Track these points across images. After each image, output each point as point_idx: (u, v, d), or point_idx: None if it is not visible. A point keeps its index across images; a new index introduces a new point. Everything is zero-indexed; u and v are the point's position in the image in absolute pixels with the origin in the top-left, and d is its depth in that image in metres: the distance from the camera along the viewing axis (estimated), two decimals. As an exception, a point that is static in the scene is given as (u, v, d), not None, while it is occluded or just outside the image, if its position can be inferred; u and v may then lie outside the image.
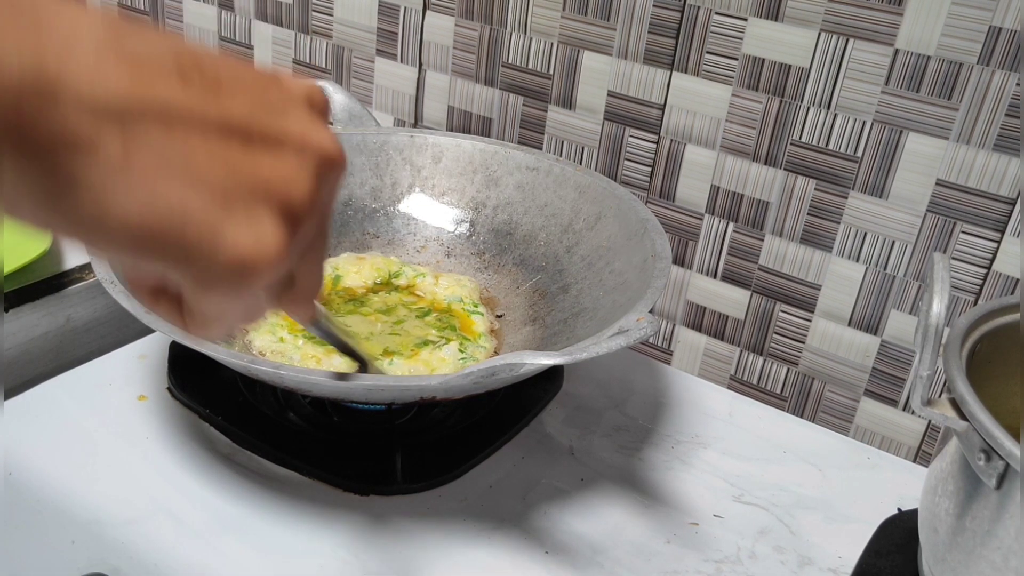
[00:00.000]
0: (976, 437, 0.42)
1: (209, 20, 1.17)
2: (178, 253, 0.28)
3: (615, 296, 0.65)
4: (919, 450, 0.79)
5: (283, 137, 0.29)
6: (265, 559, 0.53)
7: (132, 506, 0.55)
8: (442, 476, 0.60)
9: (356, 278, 0.72)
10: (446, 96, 0.96)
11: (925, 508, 0.49)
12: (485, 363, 0.50)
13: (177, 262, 0.28)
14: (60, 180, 0.25)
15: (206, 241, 0.28)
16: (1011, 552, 0.41)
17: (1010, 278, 0.70)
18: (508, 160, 0.77)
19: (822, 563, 0.56)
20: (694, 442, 0.66)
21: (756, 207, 0.80)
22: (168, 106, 0.26)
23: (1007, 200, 0.69)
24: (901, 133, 0.72)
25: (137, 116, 0.26)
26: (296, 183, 0.30)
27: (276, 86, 0.30)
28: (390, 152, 0.79)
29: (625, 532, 0.57)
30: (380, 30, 0.99)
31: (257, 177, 0.28)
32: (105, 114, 0.25)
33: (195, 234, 0.27)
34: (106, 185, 0.26)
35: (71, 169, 0.25)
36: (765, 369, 0.84)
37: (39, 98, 0.24)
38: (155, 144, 0.26)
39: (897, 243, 0.74)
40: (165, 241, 0.27)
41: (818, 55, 0.73)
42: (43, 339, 0.71)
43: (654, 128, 0.83)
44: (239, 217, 0.28)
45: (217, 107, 0.28)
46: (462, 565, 0.53)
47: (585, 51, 0.85)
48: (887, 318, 0.77)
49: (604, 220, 0.71)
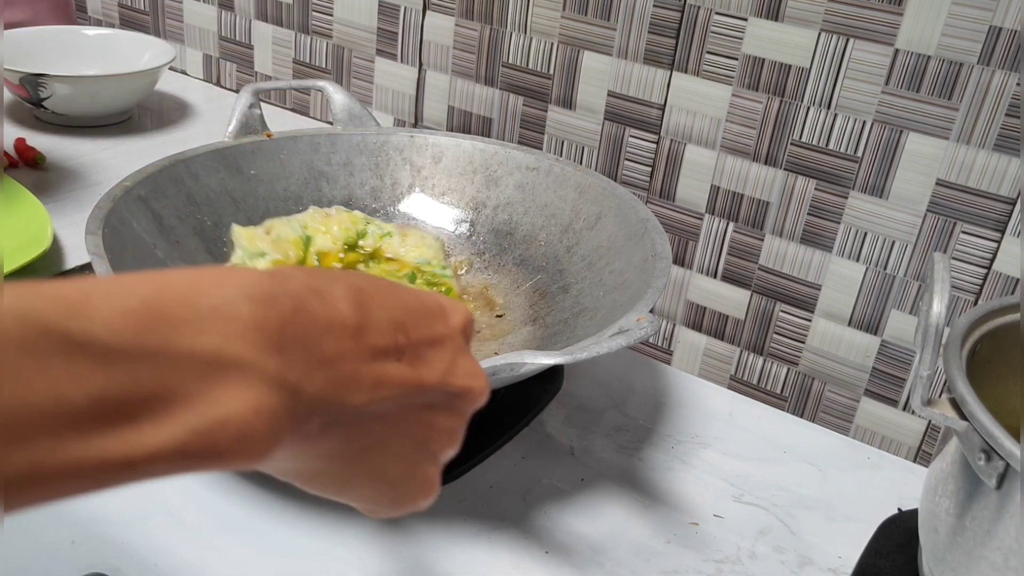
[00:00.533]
0: (976, 437, 0.42)
1: (209, 20, 1.17)
2: (371, 502, 0.34)
3: (615, 296, 0.64)
4: (919, 450, 0.79)
5: (455, 394, 0.34)
6: (265, 559, 0.53)
7: (132, 506, 0.55)
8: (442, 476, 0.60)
9: (327, 239, 0.71)
10: (446, 96, 0.96)
11: (925, 508, 0.49)
12: (485, 363, 0.49)
13: (368, 505, 0.34)
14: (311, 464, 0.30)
15: (399, 498, 0.34)
16: (1011, 552, 0.41)
17: (1010, 278, 0.70)
18: (508, 160, 0.77)
19: (822, 563, 0.56)
20: (694, 442, 0.66)
21: (756, 207, 0.80)
22: (396, 395, 0.30)
23: (1007, 200, 0.69)
24: (901, 133, 0.72)
25: (375, 414, 0.30)
26: (455, 435, 0.35)
27: (445, 325, 0.34)
28: (390, 152, 0.79)
29: (625, 532, 0.57)
30: (380, 30, 0.99)
31: (434, 440, 0.34)
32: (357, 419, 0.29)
33: (392, 493, 0.34)
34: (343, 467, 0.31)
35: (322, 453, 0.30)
36: (765, 369, 0.84)
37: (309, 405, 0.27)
38: (383, 431, 0.31)
39: (897, 243, 0.74)
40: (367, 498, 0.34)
41: (818, 55, 0.73)
42: (43, 339, 0.71)
43: (654, 128, 0.83)
44: (419, 476, 0.34)
45: (419, 380, 0.31)
46: (462, 565, 0.53)
47: (585, 51, 0.85)
48: (887, 318, 0.77)
49: (604, 220, 0.71)
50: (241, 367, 0.24)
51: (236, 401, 0.24)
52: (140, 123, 1.06)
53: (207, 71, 1.21)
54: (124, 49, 1.08)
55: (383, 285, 0.32)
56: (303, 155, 0.76)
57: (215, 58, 1.18)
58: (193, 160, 0.70)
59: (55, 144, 0.97)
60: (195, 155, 0.70)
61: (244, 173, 0.73)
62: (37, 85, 0.95)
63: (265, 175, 0.74)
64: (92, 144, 0.99)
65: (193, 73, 1.22)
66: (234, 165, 0.72)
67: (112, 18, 1.28)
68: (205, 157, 0.71)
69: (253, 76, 1.15)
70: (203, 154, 0.71)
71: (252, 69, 1.15)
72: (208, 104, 1.14)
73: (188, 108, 1.12)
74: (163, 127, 1.06)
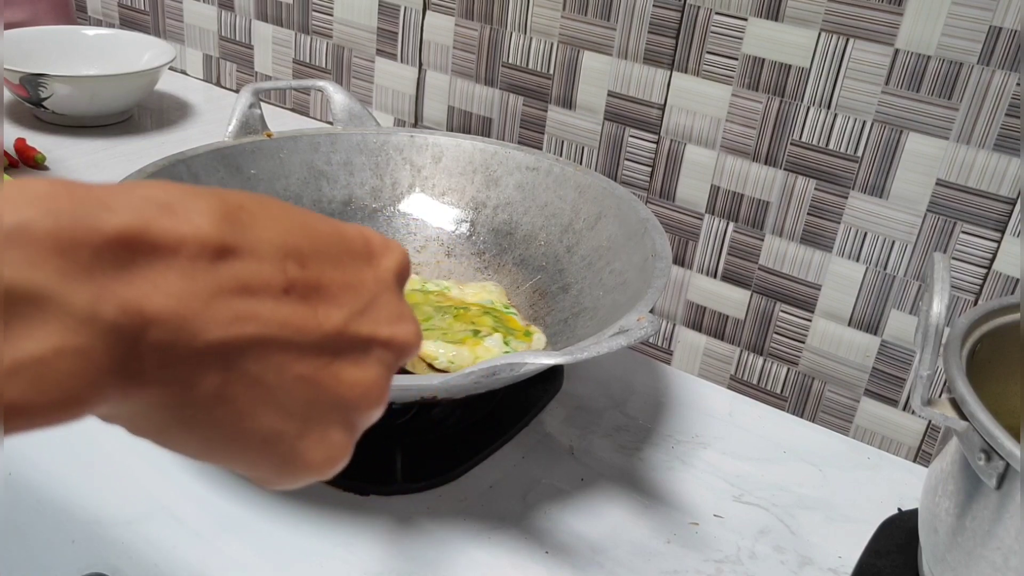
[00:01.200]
0: (976, 437, 0.42)
1: (209, 20, 1.17)
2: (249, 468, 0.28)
3: (615, 296, 0.64)
4: (919, 450, 0.79)
5: (371, 342, 0.29)
6: (265, 559, 0.53)
7: (132, 506, 0.55)
8: (442, 476, 0.60)
9: None
10: (446, 96, 0.96)
11: (925, 508, 0.49)
12: (485, 363, 0.49)
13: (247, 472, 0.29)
14: (155, 414, 0.25)
15: (284, 463, 0.28)
16: (1011, 552, 0.41)
17: (1010, 278, 0.70)
18: (508, 160, 0.77)
19: (822, 563, 0.56)
20: (694, 442, 0.66)
21: (756, 207, 0.80)
22: (268, 337, 0.25)
23: (1007, 200, 0.69)
24: (901, 133, 0.72)
25: (236, 355, 0.25)
26: (372, 393, 0.29)
27: (371, 268, 0.30)
28: (390, 152, 0.79)
29: (625, 532, 0.57)
30: (380, 30, 0.99)
31: (338, 396, 0.28)
32: (203, 359, 0.24)
33: (273, 458, 0.28)
34: (197, 418, 0.25)
35: (165, 402, 0.24)
36: (765, 369, 0.84)
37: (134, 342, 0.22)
38: (250, 377, 0.26)
39: (897, 243, 0.74)
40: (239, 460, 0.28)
41: (818, 55, 0.73)
42: (43, 339, 0.71)
43: (654, 128, 0.83)
44: (313, 438, 0.28)
45: (315, 322, 0.27)
46: (462, 565, 0.53)
47: (585, 51, 0.85)
48: (887, 318, 0.77)
49: (604, 220, 0.71)
50: (38, 300, 0.20)
51: (33, 342, 0.20)
52: (140, 123, 1.06)
53: (207, 71, 1.21)
54: (124, 49, 1.08)
55: (283, 207, 0.27)
56: (303, 155, 0.76)
57: (215, 58, 1.18)
58: (193, 160, 0.70)
59: (55, 144, 0.97)
60: (195, 155, 0.70)
61: (244, 173, 0.73)
62: (37, 85, 0.95)
63: (265, 175, 0.74)
64: (92, 144, 0.99)
65: (193, 73, 1.22)
66: (234, 165, 0.72)
67: (112, 18, 1.28)
68: (205, 157, 0.71)
69: (253, 76, 1.15)
70: (203, 154, 0.71)
71: (252, 69, 1.15)
72: (208, 104, 1.14)
73: (188, 108, 1.12)
74: (163, 127, 1.06)
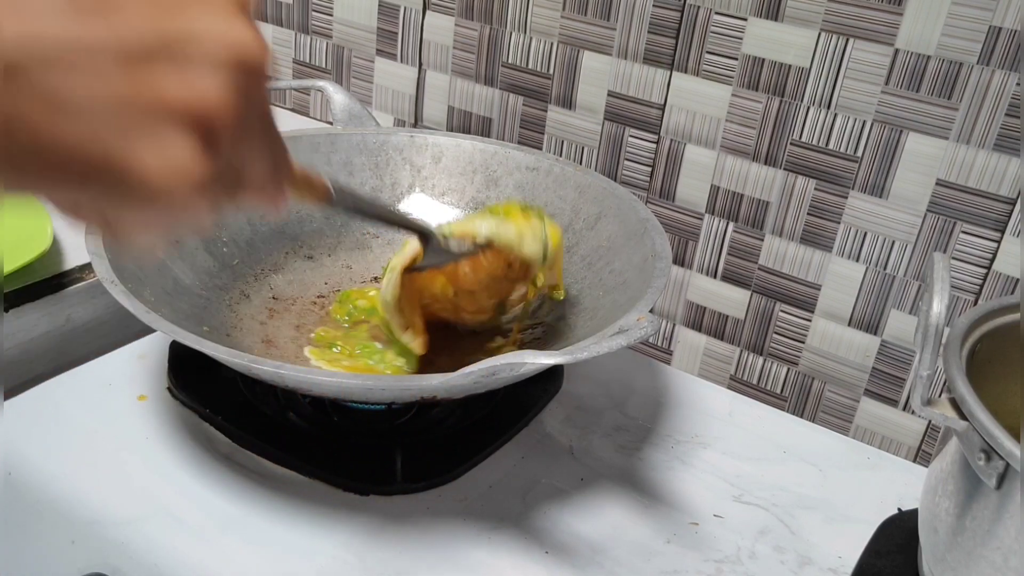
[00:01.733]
0: (976, 437, 0.42)
1: (209, 20, 1.16)
2: (87, 187, 0.27)
3: (615, 296, 0.65)
4: (919, 450, 0.79)
5: (188, 44, 0.27)
6: (265, 559, 0.53)
7: (132, 506, 0.55)
8: (442, 476, 0.60)
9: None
10: (446, 96, 0.96)
11: (925, 508, 0.49)
12: (485, 363, 0.49)
13: (91, 194, 0.28)
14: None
15: (116, 171, 0.27)
16: (1011, 552, 0.41)
17: (1010, 278, 0.70)
18: (508, 160, 0.77)
19: (822, 563, 0.56)
20: (694, 442, 0.66)
21: (756, 207, 0.80)
22: (54, 47, 0.25)
23: (1007, 200, 0.69)
24: (901, 133, 0.72)
25: (22, 67, 0.25)
26: (207, 94, 0.28)
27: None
28: (390, 152, 0.79)
29: (625, 532, 0.57)
30: (380, 30, 0.99)
31: (159, 98, 0.27)
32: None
33: (103, 166, 0.27)
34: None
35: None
36: (765, 369, 0.84)
37: None
38: (45, 89, 0.25)
39: (897, 243, 0.74)
40: (69, 177, 0.27)
41: (818, 55, 0.73)
42: (43, 339, 0.71)
43: (654, 128, 0.83)
44: (145, 142, 0.27)
45: (108, 30, 0.26)
46: (462, 565, 0.53)
47: (585, 51, 0.85)
48: (887, 318, 0.77)
49: (604, 220, 0.71)
50: None
51: None
52: (140, 123, 1.06)
53: (207, 71, 1.20)
54: (124, 49, 1.08)
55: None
56: (303, 155, 0.76)
57: (215, 58, 1.18)
58: (193, 160, 0.70)
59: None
60: (195, 155, 0.70)
61: (244, 173, 0.73)
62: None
63: (265, 175, 0.74)
64: (92, 144, 0.99)
65: (193, 73, 1.22)
66: (234, 165, 0.72)
67: (112, 18, 1.28)
68: (205, 157, 0.71)
69: (253, 76, 1.15)
70: (203, 154, 0.71)
71: (252, 69, 1.15)
72: (208, 104, 1.13)
73: (188, 108, 1.11)
74: (163, 127, 1.06)
